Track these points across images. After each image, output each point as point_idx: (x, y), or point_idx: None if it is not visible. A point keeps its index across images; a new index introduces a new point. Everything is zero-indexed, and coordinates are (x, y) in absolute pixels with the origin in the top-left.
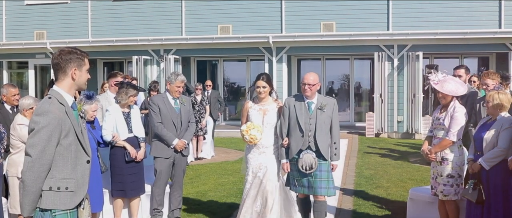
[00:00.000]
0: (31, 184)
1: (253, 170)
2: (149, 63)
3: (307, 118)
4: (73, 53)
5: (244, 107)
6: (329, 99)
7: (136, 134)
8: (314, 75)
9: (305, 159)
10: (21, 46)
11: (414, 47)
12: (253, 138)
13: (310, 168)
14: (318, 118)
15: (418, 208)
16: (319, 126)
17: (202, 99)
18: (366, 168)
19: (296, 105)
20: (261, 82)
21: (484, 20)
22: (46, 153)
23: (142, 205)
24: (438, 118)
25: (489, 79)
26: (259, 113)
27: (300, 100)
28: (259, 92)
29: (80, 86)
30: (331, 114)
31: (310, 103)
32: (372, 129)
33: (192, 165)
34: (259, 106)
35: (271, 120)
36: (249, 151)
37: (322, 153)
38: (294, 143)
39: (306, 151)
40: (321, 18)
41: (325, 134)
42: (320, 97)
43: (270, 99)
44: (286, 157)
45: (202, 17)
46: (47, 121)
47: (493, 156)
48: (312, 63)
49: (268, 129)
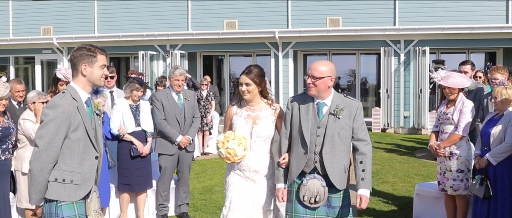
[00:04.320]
0: (37, 174)
1: (233, 198)
2: (155, 58)
3: (314, 126)
4: (84, 49)
5: (227, 113)
6: (350, 102)
7: (144, 128)
8: (326, 64)
9: (310, 186)
10: (27, 42)
11: (420, 42)
12: (231, 154)
13: (315, 201)
14: (330, 127)
15: (425, 203)
16: (330, 139)
17: (208, 94)
18: (373, 163)
19: (302, 108)
20: (243, 77)
21: (491, 15)
22: (53, 144)
23: (149, 200)
24: (445, 113)
25: (498, 73)
26: (247, 121)
27: (307, 101)
28: (242, 92)
29: (94, 83)
30: (351, 122)
31: (321, 105)
32: (378, 124)
33: (198, 160)
34: (247, 111)
35: (264, 132)
36: (229, 172)
37: (333, 180)
38: (294, 162)
39: (312, 176)
40: (327, 13)
41: (340, 151)
42: (338, 97)
43: (262, 103)
44: (283, 180)
45: (208, 12)
46: (56, 114)
47: (501, 151)
48: (319, 59)
49: (259, 144)
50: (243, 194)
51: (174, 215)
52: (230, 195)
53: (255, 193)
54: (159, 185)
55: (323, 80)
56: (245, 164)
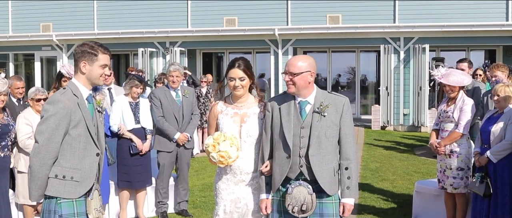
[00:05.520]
0: (37, 170)
1: (225, 206)
2: (155, 55)
3: (297, 127)
4: (86, 46)
5: (211, 111)
6: (335, 98)
7: (144, 125)
8: (304, 59)
9: (295, 194)
10: (27, 39)
11: (420, 39)
12: (224, 157)
13: (302, 210)
14: (315, 127)
15: (424, 201)
16: (316, 140)
17: (208, 91)
18: (372, 161)
19: (282, 109)
20: (236, 71)
21: (491, 13)
22: (53, 140)
23: (148, 198)
24: (446, 111)
25: (499, 71)
26: (234, 119)
27: (288, 100)
28: (235, 88)
29: (92, 82)
30: (338, 119)
31: (303, 103)
32: (378, 121)
33: (198, 157)
34: (234, 109)
35: (253, 131)
36: (219, 177)
37: (322, 184)
38: (277, 168)
39: (297, 183)
40: (327, 10)
41: (328, 152)
42: (321, 94)
43: (250, 98)
44: (265, 190)
45: (208, 9)
46: (56, 110)
47: (501, 149)
48: (318, 56)
49: (249, 144)
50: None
51: (173, 212)
52: (222, 203)
53: (247, 197)
54: (158, 182)
55: (302, 76)
56: (236, 166)
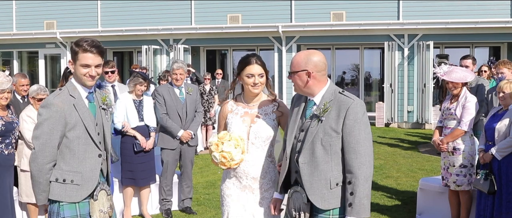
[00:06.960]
0: (36, 175)
1: (229, 213)
2: (158, 53)
3: (297, 129)
4: (74, 43)
5: (221, 111)
6: (342, 99)
7: (147, 123)
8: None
9: (294, 199)
10: (31, 36)
11: (424, 36)
12: (226, 158)
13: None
14: (310, 132)
15: (429, 198)
16: (309, 146)
17: (211, 88)
18: (376, 158)
19: (294, 107)
20: (255, 67)
21: (495, 10)
22: (48, 145)
23: (152, 195)
24: (449, 108)
25: (505, 68)
26: (244, 119)
27: (302, 98)
28: (254, 85)
29: (79, 81)
30: (338, 126)
31: (310, 103)
32: (382, 118)
33: (202, 154)
34: (244, 108)
35: (263, 132)
36: (224, 180)
37: (311, 197)
38: (281, 169)
39: (295, 188)
40: (331, 7)
41: (322, 162)
42: (329, 94)
43: (263, 97)
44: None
45: (212, 6)
46: (50, 114)
47: (506, 146)
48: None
49: (257, 146)
50: (241, 211)
51: (177, 209)
52: (227, 210)
53: (254, 206)
54: (162, 180)
55: (298, 75)
56: (241, 170)
